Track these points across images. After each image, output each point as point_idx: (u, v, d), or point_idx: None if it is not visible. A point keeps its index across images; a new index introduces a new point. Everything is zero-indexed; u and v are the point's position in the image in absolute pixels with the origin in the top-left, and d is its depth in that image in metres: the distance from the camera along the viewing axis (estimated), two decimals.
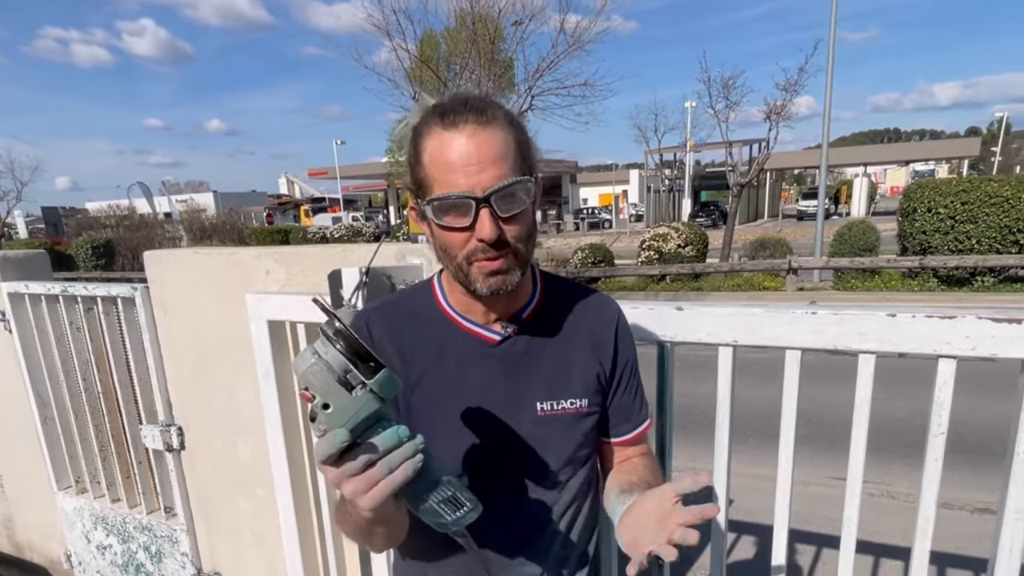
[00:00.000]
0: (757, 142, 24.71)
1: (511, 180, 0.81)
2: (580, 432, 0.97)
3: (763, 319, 1.17)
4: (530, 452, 0.94)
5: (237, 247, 2.18)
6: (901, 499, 3.56)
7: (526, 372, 0.94)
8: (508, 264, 0.85)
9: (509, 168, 0.81)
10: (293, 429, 1.85)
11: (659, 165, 34.43)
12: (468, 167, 0.79)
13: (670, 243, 13.82)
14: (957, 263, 10.22)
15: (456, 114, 0.80)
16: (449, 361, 0.93)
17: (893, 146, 53.49)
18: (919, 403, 5.00)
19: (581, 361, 0.97)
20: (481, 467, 0.93)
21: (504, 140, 0.81)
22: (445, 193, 0.80)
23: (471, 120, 0.80)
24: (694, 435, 3.50)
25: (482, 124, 0.80)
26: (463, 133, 0.79)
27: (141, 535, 2.38)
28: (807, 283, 11.98)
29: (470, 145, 0.79)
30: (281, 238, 23.55)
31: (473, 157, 0.79)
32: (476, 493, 0.85)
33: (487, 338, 0.93)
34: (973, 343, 1.01)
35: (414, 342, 0.94)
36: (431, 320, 0.96)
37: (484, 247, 0.82)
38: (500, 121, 0.82)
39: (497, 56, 17.10)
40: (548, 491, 0.97)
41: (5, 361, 2.55)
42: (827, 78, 12.71)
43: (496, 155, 0.80)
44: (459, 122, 0.80)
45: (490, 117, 0.81)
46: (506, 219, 0.82)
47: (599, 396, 0.98)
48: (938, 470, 1.10)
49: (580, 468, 1.00)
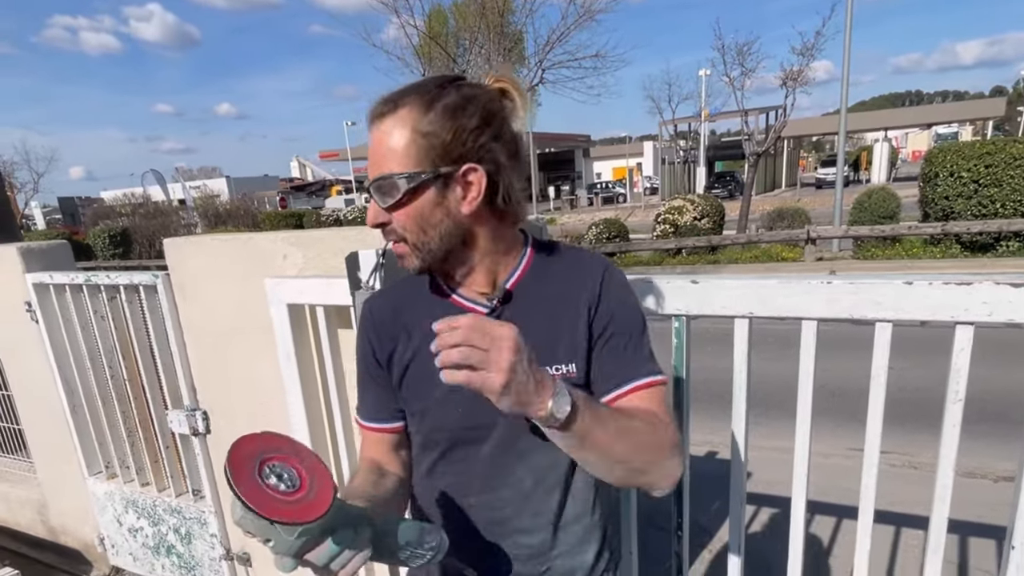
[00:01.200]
0: (774, 109, 24.31)
1: (382, 176, 0.87)
2: None
3: (778, 290, 1.17)
4: (512, 422, 0.92)
5: (253, 232, 2.20)
6: (924, 469, 3.54)
7: None
8: (404, 250, 0.93)
9: (396, 162, 0.86)
10: (315, 410, 1.88)
11: (673, 136, 34.00)
12: (371, 160, 0.89)
13: (686, 216, 13.69)
14: (981, 228, 10.00)
15: (375, 106, 0.88)
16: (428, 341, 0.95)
17: (914, 109, 52.26)
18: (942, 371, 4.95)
19: (566, 324, 0.94)
20: (469, 433, 0.96)
21: (399, 134, 0.86)
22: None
23: (376, 115, 0.87)
24: (712, 408, 3.50)
25: (380, 116, 0.87)
26: (372, 126, 0.88)
27: (171, 517, 2.45)
28: (826, 253, 11.84)
29: (374, 139, 0.88)
30: (295, 222, 23.64)
31: (375, 151, 0.88)
32: (467, 470, 0.97)
33: (475, 310, 0.96)
34: (990, 309, 1.00)
35: (413, 318, 0.99)
36: (429, 297, 1.00)
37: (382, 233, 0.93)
38: (401, 112, 0.86)
39: (506, 29, 16.90)
40: (540, 457, 0.96)
41: (33, 350, 2.61)
42: (845, 40, 12.41)
43: (385, 150, 0.86)
44: (372, 115, 0.88)
45: (388, 110, 0.87)
46: (390, 209, 0.89)
47: (586, 359, 0.94)
48: (956, 436, 1.10)
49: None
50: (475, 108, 0.87)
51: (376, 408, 1.05)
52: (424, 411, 0.98)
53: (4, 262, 2.57)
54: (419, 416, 1.00)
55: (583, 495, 1.01)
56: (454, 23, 18.37)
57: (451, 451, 0.98)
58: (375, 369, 1.02)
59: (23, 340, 2.65)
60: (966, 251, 10.54)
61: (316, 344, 1.84)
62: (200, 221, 24.05)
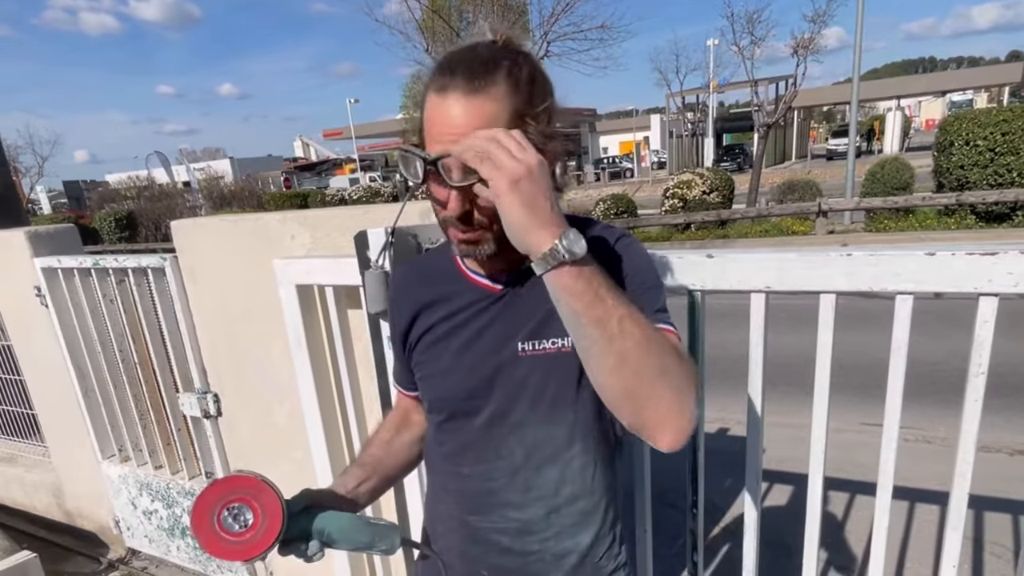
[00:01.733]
0: (784, 79, 23.87)
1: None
2: (561, 372, 0.91)
3: (795, 263, 1.14)
4: (506, 393, 0.94)
5: (261, 213, 2.18)
6: (937, 443, 3.52)
7: (517, 316, 0.94)
8: (478, 237, 0.85)
9: None
10: (326, 391, 1.88)
11: (681, 108, 33.53)
12: (450, 136, 0.76)
13: (694, 190, 13.54)
14: (997, 198, 9.82)
15: (447, 77, 0.77)
16: (454, 310, 0.97)
17: (928, 76, 51.23)
18: (956, 344, 4.95)
19: None
20: (465, 404, 0.97)
21: (493, 109, 0.76)
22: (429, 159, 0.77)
23: (460, 86, 0.76)
24: (723, 386, 3.49)
25: (471, 91, 0.75)
26: (448, 99, 0.76)
27: (185, 500, 2.47)
28: (838, 226, 11.70)
29: (452, 115, 0.76)
30: (300, 202, 23.61)
31: (454, 129, 0.75)
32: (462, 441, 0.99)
33: (490, 288, 0.95)
34: (1016, 280, 0.97)
35: (428, 295, 1.00)
36: (445, 273, 1.00)
37: (454, 220, 0.82)
38: (498, 87, 0.76)
39: (511, 1, 16.65)
40: (533, 432, 0.94)
41: (44, 335, 2.62)
42: (858, 4, 12.14)
43: (483, 125, 0.74)
44: (448, 86, 0.76)
45: (485, 82, 0.76)
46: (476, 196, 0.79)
47: None
48: (978, 411, 1.07)
49: (563, 409, 0.93)
50: (543, 78, 0.83)
51: (401, 376, 1.13)
52: (430, 379, 1.01)
53: (12, 247, 2.57)
54: (425, 384, 1.03)
55: (580, 475, 0.97)
56: None
57: (449, 421, 1.00)
58: (397, 338, 1.06)
59: (34, 325, 2.66)
60: (981, 222, 10.37)
61: (326, 324, 1.84)
62: (205, 203, 24.06)
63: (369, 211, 1.72)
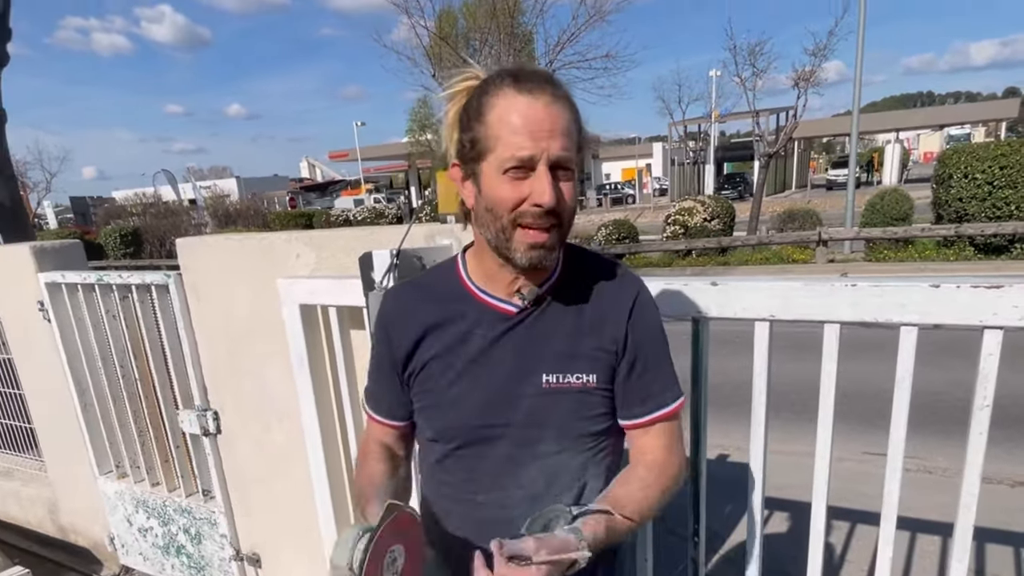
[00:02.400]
0: (784, 110, 24.15)
1: (572, 154, 0.85)
2: (587, 408, 0.96)
3: (800, 292, 1.14)
4: (531, 423, 0.94)
5: (266, 232, 2.20)
6: (938, 474, 3.50)
7: (536, 344, 0.95)
8: (552, 240, 0.88)
9: (572, 144, 0.85)
10: (327, 410, 1.87)
11: (683, 137, 33.85)
12: (540, 133, 0.82)
13: (696, 217, 13.61)
14: (995, 230, 9.87)
15: (533, 81, 0.84)
16: (463, 332, 0.96)
17: (926, 110, 51.77)
18: (956, 374, 4.93)
19: (593, 337, 0.96)
20: (484, 431, 0.95)
21: (570, 117, 0.86)
22: (513, 154, 0.83)
23: (548, 90, 0.84)
24: (724, 412, 3.47)
25: (556, 96, 0.84)
26: (539, 100, 0.83)
27: (181, 517, 2.45)
28: (837, 255, 11.74)
29: (544, 113, 0.83)
30: (305, 222, 23.75)
31: (545, 124, 0.82)
32: (476, 468, 0.97)
33: (504, 310, 0.96)
34: (1021, 313, 0.97)
35: (432, 316, 0.98)
36: (451, 294, 0.99)
37: (539, 212, 0.85)
38: (567, 100, 0.87)
39: (517, 30, 16.86)
40: (548, 462, 0.96)
41: (45, 349, 2.62)
42: (858, 39, 12.31)
43: (564, 128, 0.84)
44: (536, 89, 0.83)
45: (561, 93, 0.86)
46: (563, 191, 0.86)
47: (608, 373, 0.96)
48: (983, 443, 1.07)
49: (587, 443, 0.98)
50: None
51: (392, 406, 1.06)
52: (438, 407, 0.99)
53: (17, 262, 2.58)
54: (432, 411, 1.00)
55: (594, 497, 1.00)
56: (464, 24, 18.34)
57: (463, 448, 0.98)
58: (391, 366, 1.02)
59: (35, 339, 2.66)
60: (980, 253, 10.42)
61: (328, 345, 1.84)
62: (210, 221, 24.19)
63: (374, 232, 1.73)
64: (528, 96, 0.83)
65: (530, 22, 17.35)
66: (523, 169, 0.83)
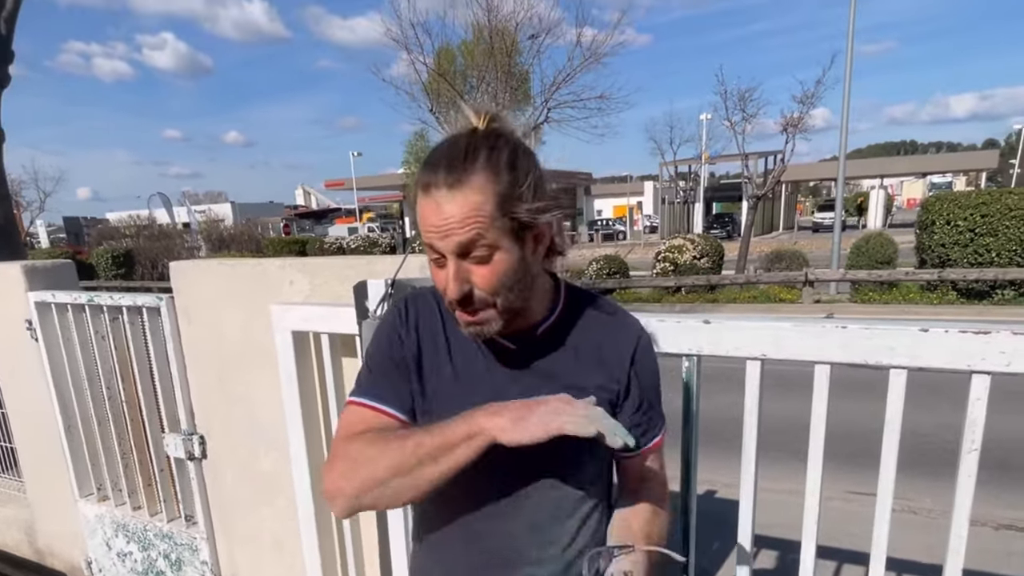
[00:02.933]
0: (773, 154, 24.65)
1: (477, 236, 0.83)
2: (588, 445, 0.92)
3: (791, 332, 1.16)
4: (531, 460, 0.92)
5: (260, 258, 2.20)
6: (923, 515, 3.50)
7: (540, 380, 0.96)
8: (483, 318, 0.89)
9: (485, 223, 0.83)
10: (315, 438, 1.86)
11: (674, 177, 34.41)
12: (438, 230, 0.83)
13: (685, 255, 13.76)
14: (977, 276, 10.07)
15: (432, 175, 0.84)
16: (464, 361, 0.98)
17: (910, 158, 53.09)
18: (941, 417, 4.96)
19: (593, 381, 0.97)
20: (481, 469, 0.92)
21: (476, 199, 0.82)
22: (427, 248, 0.87)
23: (442, 183, 0.82)
24: (711, 448, 3.44)
25: (452, 186, 0.82)
26: (434, 199, 0.83)
27: (161, 543, 2.40)
28: (824, 296, 11.86)
29: (440, 210, 0.83)
30: (298, 249, 23.71)
31: (442, 221, 0.83)
32: (477, 494, 0.96)
33: (503, 344, 0.97)
34: (1008, 359, 0.99)
35: (442, 333, 1.00)
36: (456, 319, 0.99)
37: (454, 303, 0.88)
38: (479, 176, 0.82)
39: (514, 69, 17.17)
40: (554, 494, 0.98)
41: (31, 369, 2.59)
42: (844, 89, 12.66)
43: (464, 216, 0.82)
44: (431, 186, 0.83)
45: (466, 175, 0.82)
46: (477, 276, 0.86)
47: (610, 410, 0.97)
48: (971, 487, 1.09)
49: (585, 481, 1.00)
50: (526, 154, 0.88)
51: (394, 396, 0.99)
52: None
53: (7, 280, 2.56)
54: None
55: (596, 525, 1.02)
56: (462, 61, 18.69)
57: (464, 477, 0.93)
58: (400, 362, 0.99)
59: (21, 358, 2.63)
60: (962, 298, 10.59)
61: (319, 371, 1.83)
62: (204, 245, 24.12)
63: (369, 261, 1.74)
64: (425, 195, 0.84)
65: (527, 62, 17.71)
66: (440, 258, 0.86)
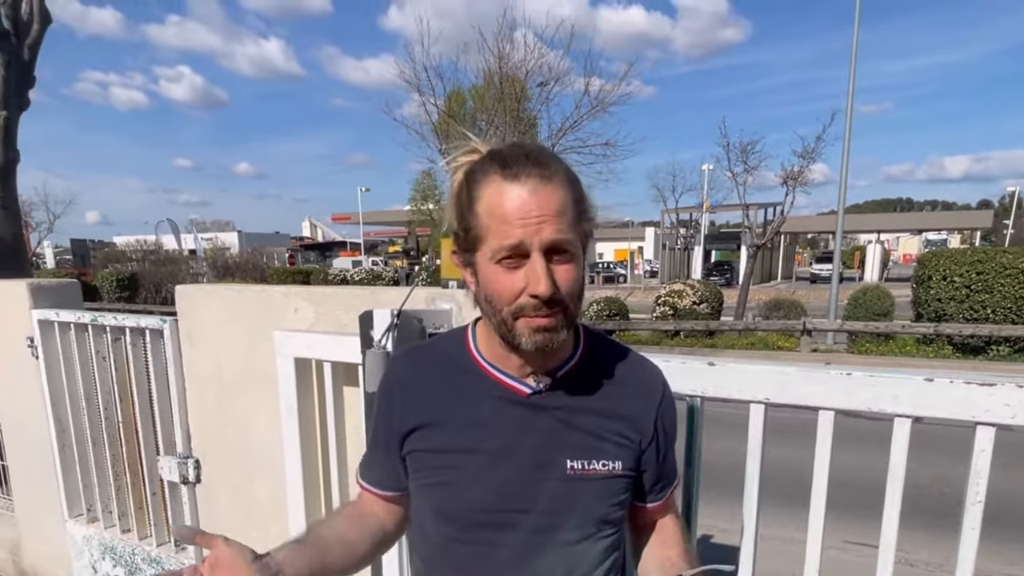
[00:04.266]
0: (773, 205, 24.97)
1: (568, 236, 0.80)
2: (611, 493, 0.93)
3: (796, 377, 1.17)
4: (553, 510, 0.90)
5: (265, 285, 2.22)
6: (921, 567, 3.46)
7: (557, 429, 0.91)
8: (557, 322, 0.83)
9: (567, 224, 0.80)
10: (312, 466, 1.84)
11: (675, 224, 34.77)
12: (528, 221, 0.77)
13: (685, 300, 13.82)
14: (972, 331, 10.13)
15: (519, 166, 0.79)
16: (473, 409, 0.92)
17: (907, 215, 53.80)
18: (938, 469, 4.90)
19: (618, 427, 0.94)
20: (500, 516, 0.90)
21: (563, 196, 0.80)
22: (501, 243, 0.79)
23: (533, 173, 0.78)
24: (711, 492, 3.39)
25: (544, 179, 0.79)
26: (525, 186, 0.78)
27: (148, 568, 2.35)
28: (820, 345, 11.88)
29: (532, 199, 0.78)
30: (302, 279, 23.81)
31: (534, 212, 0.77)
32: (494, 541, 0.90)
33: (518, 390, 0.91)
34: (1013, 412, 1.00)
35: (443, 389, 0.94)
36: (460, 368, 0.95)
37: (536, 303, 0.80)
38: (561, 177, 0.81)
39: (522, 114, 17.47)
40: (569, 549, 0.92)
41: (29, 386, 2.58)
42: (844, 145, 12.91)
43: (556, 211, 0.78)
44: (521, 174, 0.78)
45: (552, 172, 0.80)
46: (560, 276, 0.80)
47: (633, 460, 0.95)
48: (975, 539, 1.08)
49: (607, 530, 0.96)
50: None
51: (381, 477, 1.01)
52: (444, 487, 0.92)
53: (12, 297, 2.57)
54: (436, 491, 0.93)
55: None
56: (472, 105, 19.08)
57: (475, 530, 0.92)
58: (391, 437, 0.97)
59: (20, 376, 2.62)
60: (958, 352, 10.62)
61: (320, 400, 1.83)
62: (209, 271, 24.23)
63: (375, 292, 1.75)
64: (514, 183, 0.78)
65: (535, 108, 18.05)
66: (516, 257, 0.79)
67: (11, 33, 5.97)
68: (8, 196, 5.26)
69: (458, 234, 0.86)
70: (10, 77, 5.90)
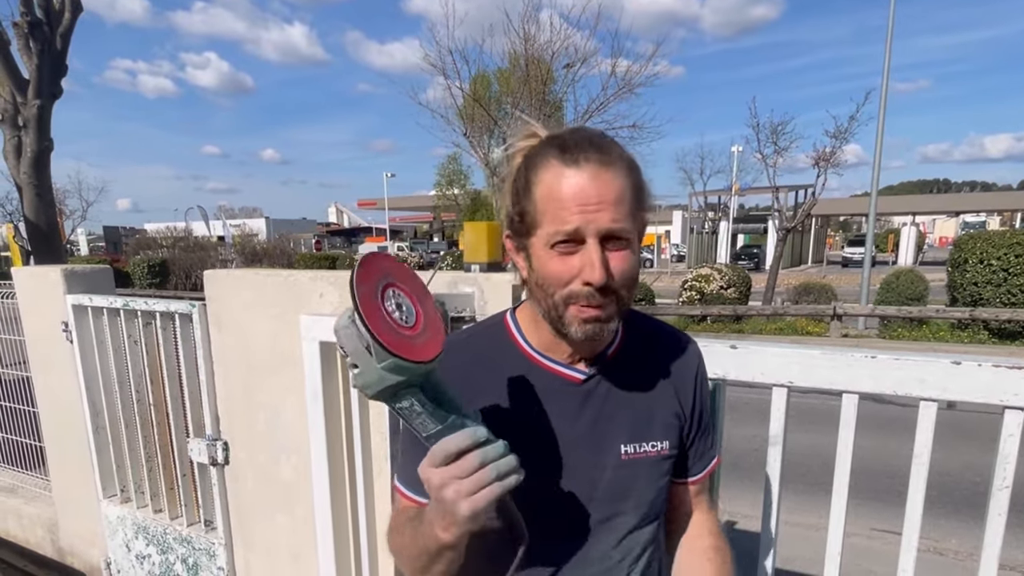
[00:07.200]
0: (804, 188, 24.48)
1: (625, 224, 0.79)
2: (660, 476, 0.94)
3: (820, 360, 1.16)
4: (611, 496, 0.90)
5: (292, 270, 2.24)
6: (949, 556, 3.41)
7: (609, 413, 0.90)
8: (608, 312, 0.82)
9: (625, 212, 0.79)
10: (337, 449, 1.87)
11: (703, 207, 34.32)
12: (587, 207, 0.77)
13: (712, 284, 13.67)
14: (1010, 316, 9.84)
15: (579, 151, 0.78)
16: (527, 400, 0.90)
17: (944, 196, 52.39)
18: (968, 457, 4.82)
19: (662, 402, 0.94)
20: (561, 509, 0.89)
21: (623, 184, 0.79)
22: (558, 229, 0.78)
23: (593, 159, 0.78)
24: (729, 477, 3.42)
25: (604, 164, 0.78)
26: (584, 172, 0.77)
27: (180, 547, 2.42)
28: (851, 331, 11.67)
29: (591, 185, 0.77)
30: (328, 264, 24.11)
31: (593, 197, 0.77)
32: (552, 536, 0.88)
33: (570, 377, 0.90)
34: None
35: (487, 380, 0.90)
36: (506, 358, 0.92)
37: (590, 291, 0.79)
38: (621, 163, 0.80)
39: (548, 96, 17.33)
40: (626, 535, 0.93)
41: (64, 370, 2.65)
42: (878, 126, 12.54)
43: (615, 198, 0.78)
44: (581, 159, 0.77)
45: (612, 158, 0.79)
46: (615, 264, 0.79)
47: (678, 438, 0.96)
48: (1001, 525, 1.06)
49: (658, 513, 0.97)
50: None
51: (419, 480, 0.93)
52: None
53: (47, 283, 2.64)
54: None
55: (656, 566, 1.00)
56: (497, 88, 19.01)
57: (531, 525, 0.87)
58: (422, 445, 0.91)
59: (55, 359, 2.70)
60: (994, 338, 10.34)
61: (345, 385, 1.85)
62: (237, 257, 24.67)
63: None
64: (574, 168, 0.77)
65: (561, 90, 17.89)
66: (571, 243, 0.78)
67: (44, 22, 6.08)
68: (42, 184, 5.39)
69: (513, 218, 0.85)
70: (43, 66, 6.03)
